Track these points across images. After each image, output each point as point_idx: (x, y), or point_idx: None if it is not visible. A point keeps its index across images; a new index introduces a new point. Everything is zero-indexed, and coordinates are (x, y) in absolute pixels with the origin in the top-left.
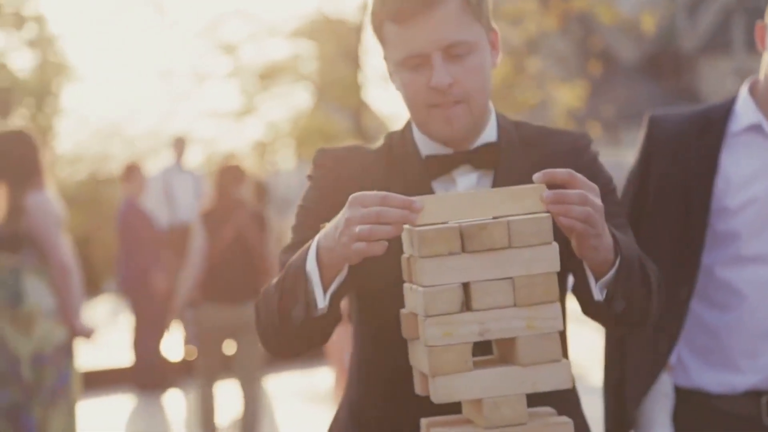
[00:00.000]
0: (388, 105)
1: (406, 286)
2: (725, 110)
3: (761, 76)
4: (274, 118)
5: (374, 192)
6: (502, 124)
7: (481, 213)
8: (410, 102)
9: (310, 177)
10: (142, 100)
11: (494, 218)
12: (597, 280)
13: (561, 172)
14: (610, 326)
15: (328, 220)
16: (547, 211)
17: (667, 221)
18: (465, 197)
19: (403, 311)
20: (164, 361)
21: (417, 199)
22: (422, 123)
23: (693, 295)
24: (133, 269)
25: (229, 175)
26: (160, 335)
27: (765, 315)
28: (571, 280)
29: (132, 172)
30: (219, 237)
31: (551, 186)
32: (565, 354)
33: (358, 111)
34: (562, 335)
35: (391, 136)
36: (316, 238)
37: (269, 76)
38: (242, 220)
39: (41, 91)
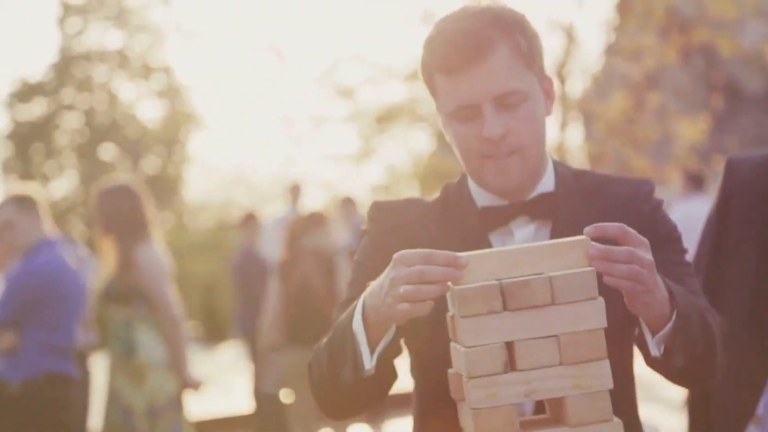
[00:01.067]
0: None
1: (452, 345)
2: None
3: None
4: (393, 160)
5: (418, 250)
6: (560, 173)
7: (525, 269)
8: (463, 153)
9: (365, 232)
10: (264, 147)
11: (537, 274)
12: (654, 334)
13: (612, 227)
14: (673, 381)
15: (385, 263)
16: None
17: (748, 268)
18: (508, 253)
19: (450, 371)
20: (284, 406)
21: (463, 256)
22: (476, 174)
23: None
24: (250, 316)
25: (301, 223)
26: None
27: None
28: None
29: (249, 219)
30: (288, 284)
31: (603, 240)
32: (629, 410)
33: None
34: (629, 389)
35: (448, 188)
36: (362, 296)
37: (387, 118)
38: (308, 267)
39: (169, 140)
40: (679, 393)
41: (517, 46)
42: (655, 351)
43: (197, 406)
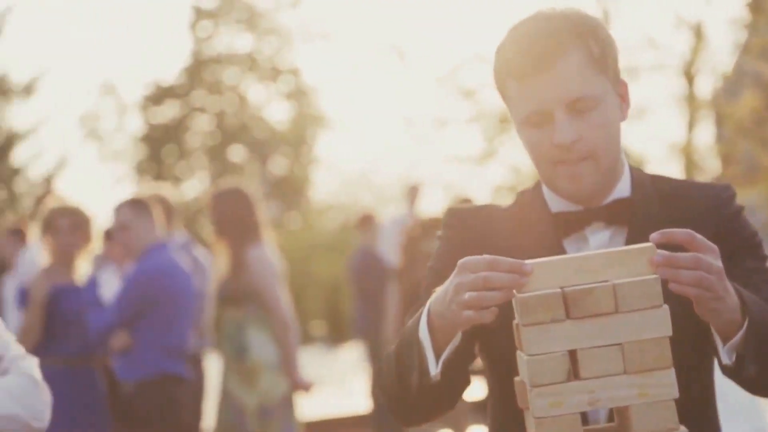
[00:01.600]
0: (640, 144)
1: (517, 353)
2: None
3: None
4: (516, 161)
5: (483, 256)
6: (637, 178)
7: (589, 276)
8: (536, 159)
9: (439, 237)
10: (388, 148)
11: (601, 282)
12: (725, 342)
13: (679, 233)
14: (747, 389)
15: None
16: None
17: None
18: (573, 261)
19: (516, 379)
20: None
21: (527, 263)
22: (549, 180)
23: None
24: (368, 317)
25: (419, 227)
26: None
27: None
28: None
29: (366, 220)
30: (404, 288)
31: (671, 246)
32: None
33: None
34: (707, 397)
35: (523, 194)
36: (428, 302)
37: (510, 119)
38: (420, 273)
39: (297, 141)
40: None
41: (590, 52)
42: (726, 359)
43: (316, 406)
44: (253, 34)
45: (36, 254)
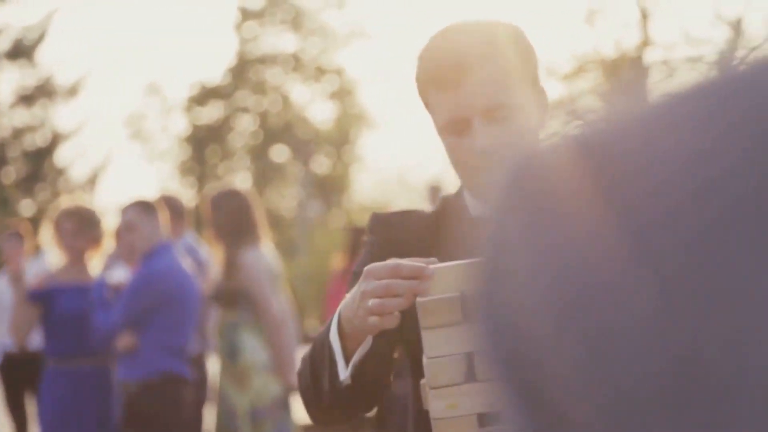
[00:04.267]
0: None
1: (423, 356)
2: None
3: None
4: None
5: (386, 262)
6: None
7: None
8: (456, 165)
9: (364, 243)
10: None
11: None
12: None
13: None
14: None
15: None
16: None
17: None
18: (470, 266)
19: (421, 382)
20: None
21: (428, 268)
22: (469, 186)
23: None
24: None
25: None
26: None
27: None
28: None
29: None
30: None
31: None
32: None
33: None
34: None
35: (446, 199)
36: (339, 307)
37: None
38: None
39: (340, 140)
40: None
41: (508, 61)
42: None
43: None
44: (297, 34)
45: (48, 255)
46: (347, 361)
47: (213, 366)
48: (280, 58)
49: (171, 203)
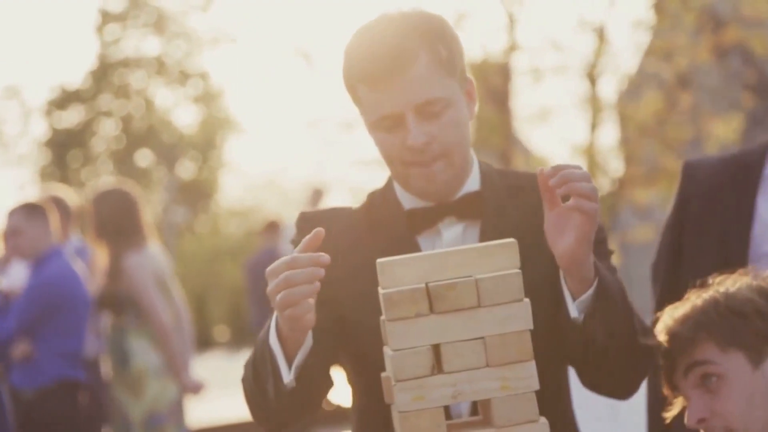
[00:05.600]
0: (541, 145)
1: (384, 348)
2: (761, 153)
3: None
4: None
5: (283, 258)
6: (486, 172)
7: (454, 272)
8: (388, 160)
9: (293, 242)
10: (296, 151)
11: (465, 277)
12: (575, 299)
13: (548, 171)
14: (594, 367)
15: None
16: (519, 268)
17: (704, 270)
18: (437, 256)
19: (383, 375)
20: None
21: (387, 261)
22: (403, 180)
23: None
24: (263, 321)
25: None
26: None
27: None
28: None
29: (271, 227)
30: None
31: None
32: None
33: (506, 152)
34: (563, 389)
35: (373, 194)
36: (275, 312)
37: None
38: None
39: (205, 145)
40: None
41: (438, 55)
42: (574, 312)
43: (216, 411)
44: (161, 37)
45: None
46: (290, 364)
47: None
48: (144, 61)
49: (58, 204)
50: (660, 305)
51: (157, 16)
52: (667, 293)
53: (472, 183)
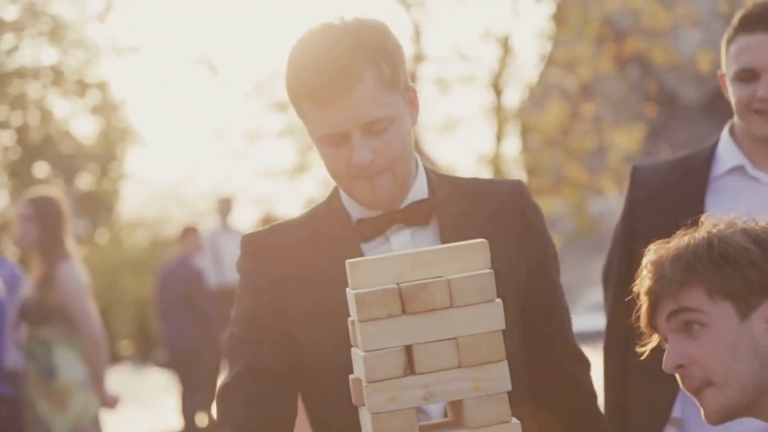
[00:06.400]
0: (447, 155)
1: (353, 350)
2: (707, 155)
3: (735, 119)
4: (328, 175)
5: None
6: (433, 179)
7: (425, 272)
8: (334, 174)
9: (239, 269)
10: (200, 162)
11: (436, 277)
12: None
13: None
14: None
15: (265, 307)
16: (491, 268)
17: None
18: (408, 257)
19: (351, 377)
20: (215, 424)
21: (358, 261)
22: (348, 192)
23: None
24: (180, 332)
25: None
26: (209, 400)
27: None
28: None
29: (188, 233)
30: None
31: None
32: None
33: None
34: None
35: (318, 207)
36: None
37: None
38: None
39: (105, 156)
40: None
41: (382, 73)
42: None
43: (124, 427)
44: (58, 47)
45: None
46: None
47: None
48: (40, 71)
49: None
50: (614, 311)
51: (54, 24)
52: (620, 298)
53: (419, 190)
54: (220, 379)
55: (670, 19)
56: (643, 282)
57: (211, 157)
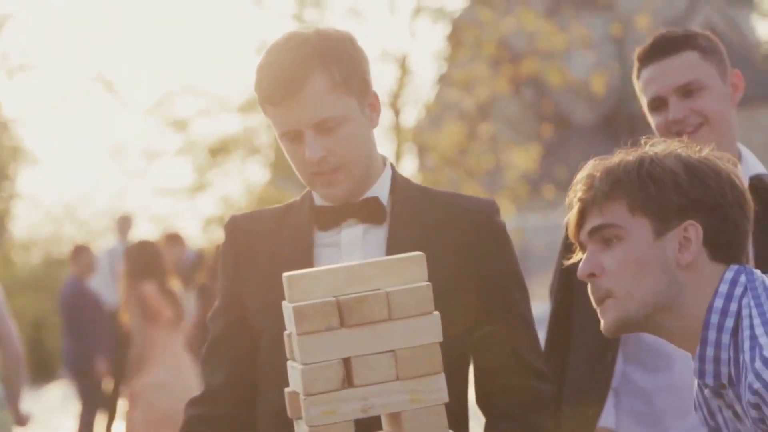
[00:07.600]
0: None
1: (289, 363)
2: None
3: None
4: (227, 192)
5: None
6: (400, 182)
7: (363, 285)
8: (295, 168)
9: (221, 250)
10: (96, 181)
11: (375, 290)
12: None
13: None
14: None
15: (240, 286)
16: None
17: None
18: (346, 270)
19: (287, 390)
20: None
21: (295, 274)
22: (310, 186)
23: (617, 359)
24: (79, 352)
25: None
26: (110, 419)
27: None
28: None
29: (79, 252)
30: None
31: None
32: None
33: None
34: (463, 403)
35: (302, 196)
36: None
37: (222, 150)
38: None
39: None
40: None
41: (332, 77)
42: None
43: None
44: None
45: None
46: None
47: None
48: None
49: None
50: (553, 324)
51: None
52: (560, 310)
53: (379, 190)
54: (120, 399)
55: (564, 42)
56: (576, 191)
57: (107, 175)
